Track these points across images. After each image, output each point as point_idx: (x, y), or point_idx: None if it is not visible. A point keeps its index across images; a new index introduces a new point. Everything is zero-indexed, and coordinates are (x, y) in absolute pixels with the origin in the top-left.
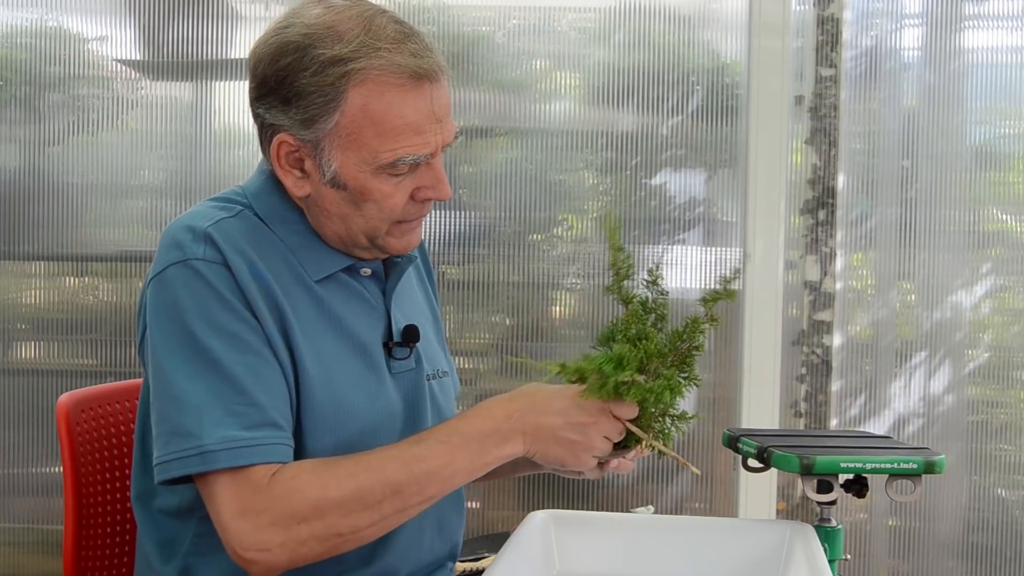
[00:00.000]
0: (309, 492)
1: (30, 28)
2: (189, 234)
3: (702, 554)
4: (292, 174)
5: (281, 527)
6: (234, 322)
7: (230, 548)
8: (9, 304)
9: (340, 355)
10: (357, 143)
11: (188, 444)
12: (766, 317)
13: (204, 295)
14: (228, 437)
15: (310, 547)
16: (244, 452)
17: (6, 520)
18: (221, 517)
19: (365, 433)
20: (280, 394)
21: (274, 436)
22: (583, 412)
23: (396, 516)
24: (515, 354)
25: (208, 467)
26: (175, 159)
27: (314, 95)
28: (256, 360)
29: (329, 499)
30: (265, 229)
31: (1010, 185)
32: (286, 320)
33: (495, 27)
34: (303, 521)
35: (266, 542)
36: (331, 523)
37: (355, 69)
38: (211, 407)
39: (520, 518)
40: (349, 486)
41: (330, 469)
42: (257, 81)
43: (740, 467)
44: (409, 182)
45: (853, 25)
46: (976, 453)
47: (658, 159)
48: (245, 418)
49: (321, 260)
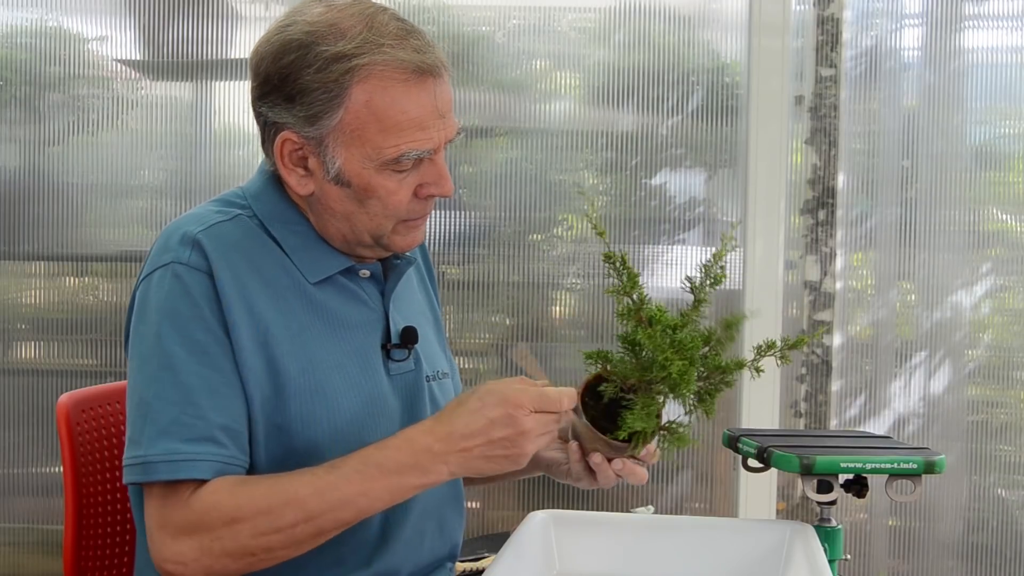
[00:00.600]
0: (223, 509)
1: (30, 28)
2: (179, 237)
3: (702, 554)
4: (296, 172)
5: (195, 542)
6: (202, 333)
7: (154, 559)
8: (9, 304)
9: (334, 360)
10: (361, 139)
11: (134, 452)
12: (766, 317)
13: (179, 301)
14: (169, 450)
15: (223, 564)
16: (183, 466)
17: (6, 520)
18: (148, 526)
19: (362, 437)
20: (232, 413)
21: (212, 452)
22: (504, 426)
23: (311, 540)
24: (515, 354)
25: (148, 478)
26: (175, 159)
27: (318, 91)
28: (215, 375)
29: (241, 518)
30: (261, 233)
31: (1010, 185)
32: (269, 331)
33: (495, 27)
34: (216, 538)
35: (182, 555)
36: (242, 542)
37: (359, 65)
38: (158, 414)
39: (520, 518)
40: (261, 506)
41: (247, 489)
42: (260, 80)
43: (740, 467)
44: (412, 179)
45: (853, 25)
46: (976, 453)
47: (658, 159)
48: (189, 430)
49: (319, 262)
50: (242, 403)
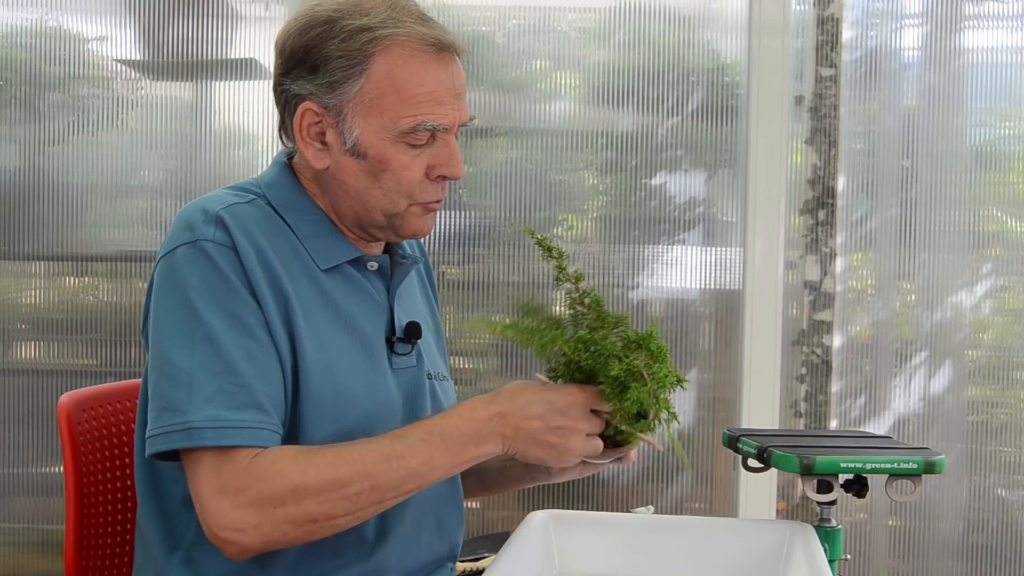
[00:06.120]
0: (288, 476)
1: (30, 28)
2: (201, 216)
3: (702, 554)
4: (313, 146)
5: (257, 508)
6: (237, 304)
7: (206, 526)
8: (9, 304)
9: (342, 345)
10: (380, 108)
11: (176, 419)
12: (766, 317)
13: (210, 275)
14: (215, 416)
15: (284, 531)
16: (229, 433)
17: (6, 520)
18: (201, 495)
19: (365, 423)
20: (273, 380)
21: (260, 420)
22: (562, 416)
23: (372, 508)
24: (516, 354)
25: (192, 443)
26: (175, 159)
27: (341, 59)
28: (253, 344)
29: (307, 485)
30: (277, 218)
31: (1010, 185)
32: (290, 307)
33: (495, 27)
34: (280, 505)
35: (242, 522)
36: (307, 509)
37: (382, 35)
38: (202, 383)
39: (520, 518)
40: (328, 475)
41: (311, 456)
42: (285, 56)
43: (740, 467)
44: (425, 157)
45: (853, 25)
46: (976, 453)
47: (658, 159)
48: (234, 398)
49: (330, 249)
50: (279, 372)
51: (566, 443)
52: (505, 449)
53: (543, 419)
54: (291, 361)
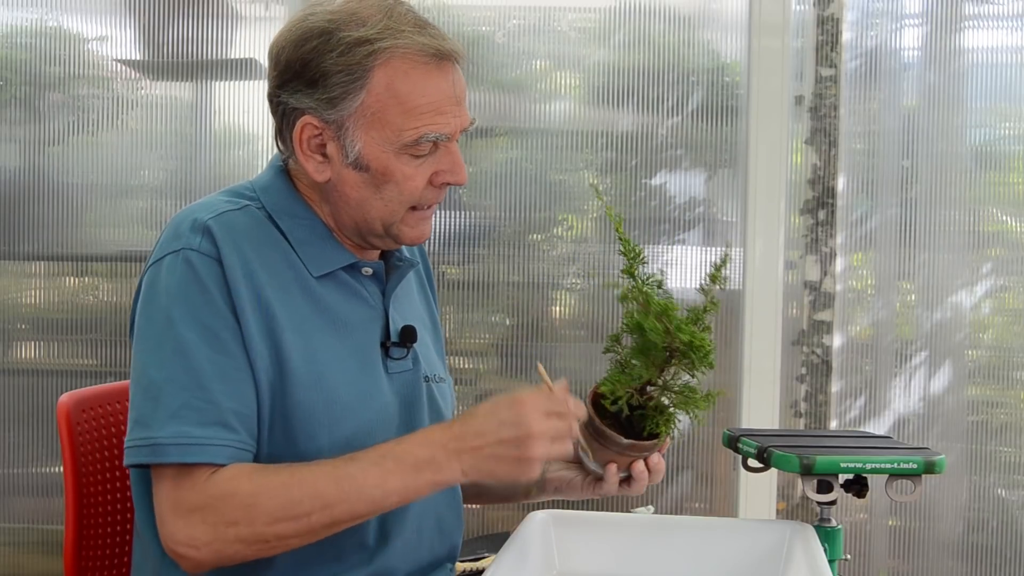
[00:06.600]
0: (241, 497)
1: (30, 28)
2: (190, 224)
3: (702, 554)
4: (314, 159)
5: (211, 527)
6: (213, 318)
7: (163, 540)
8: (9, 304)
9: (334, 353)
10: (382, 121)
11: (143, 434)
12: (766, 317)
13: (191, 287)
14: (179, 432)
15: (236, 549)
16: (193, 450)
17: (6, 520)
18: (159, 508)
19: (360, 432)
20: (243, 397)
21: (223, 438)
22: (514, 427)
23: (325, 529)
24: (515, 355)
25: (158, 460)
26: (175, 159)
27: (340, 74)
28: (226, 360)
29: (259, 506)
30: (269, 225)
31: (1010, 185)
32: (275, 320)
33: (495, 27)
34: (232, 524)
35: (195, 539)
36: (258, 530)
37: (381, 48)
38: (169, 397)
39: (520, 518)
40: (280, 496)
41: (266, 477)
42: (280, 68)
43: (740, 467)
44: (428, 166)
45: (853, 25)
46: (976, 453)
47: (658, 159)
48: (200, 414)
49: (324, 256)
50: (252, 388)
51: (525, 452)
52: (466, 474)
53: (495, 433)
54: (274, 375)
